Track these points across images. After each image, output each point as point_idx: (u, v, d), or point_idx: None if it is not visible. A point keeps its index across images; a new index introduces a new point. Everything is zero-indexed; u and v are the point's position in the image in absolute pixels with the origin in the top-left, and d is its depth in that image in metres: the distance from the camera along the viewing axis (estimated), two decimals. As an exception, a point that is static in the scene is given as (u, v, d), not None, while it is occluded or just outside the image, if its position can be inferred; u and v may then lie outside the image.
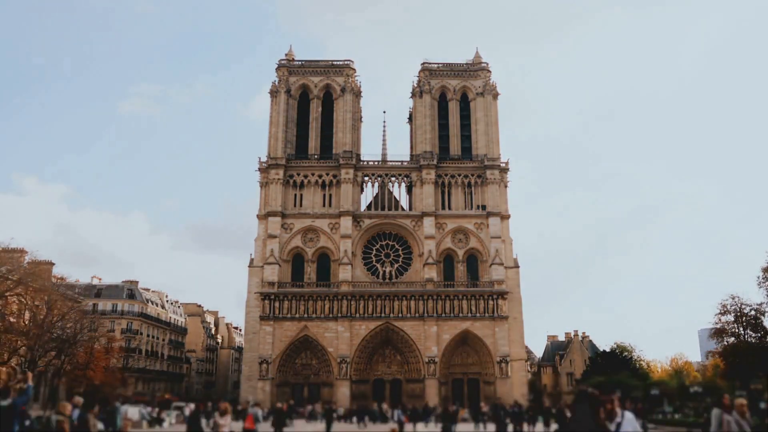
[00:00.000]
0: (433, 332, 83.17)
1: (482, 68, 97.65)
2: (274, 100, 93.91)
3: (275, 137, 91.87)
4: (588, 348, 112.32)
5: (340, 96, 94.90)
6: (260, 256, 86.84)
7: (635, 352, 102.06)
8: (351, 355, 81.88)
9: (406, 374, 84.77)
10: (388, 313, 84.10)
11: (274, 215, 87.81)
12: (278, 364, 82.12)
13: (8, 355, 58.04)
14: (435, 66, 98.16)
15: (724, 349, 67.71)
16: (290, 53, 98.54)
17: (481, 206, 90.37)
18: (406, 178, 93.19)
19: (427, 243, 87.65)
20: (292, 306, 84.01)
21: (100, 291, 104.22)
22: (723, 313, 65.65)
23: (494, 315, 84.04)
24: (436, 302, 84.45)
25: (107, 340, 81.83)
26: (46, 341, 61.59)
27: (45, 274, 67.35)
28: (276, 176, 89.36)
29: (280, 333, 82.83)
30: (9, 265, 58.35)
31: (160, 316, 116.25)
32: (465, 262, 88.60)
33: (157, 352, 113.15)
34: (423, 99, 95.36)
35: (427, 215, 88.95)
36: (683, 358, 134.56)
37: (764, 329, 64.21)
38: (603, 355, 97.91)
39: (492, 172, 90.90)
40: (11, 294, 57.72)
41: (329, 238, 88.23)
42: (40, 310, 62.42)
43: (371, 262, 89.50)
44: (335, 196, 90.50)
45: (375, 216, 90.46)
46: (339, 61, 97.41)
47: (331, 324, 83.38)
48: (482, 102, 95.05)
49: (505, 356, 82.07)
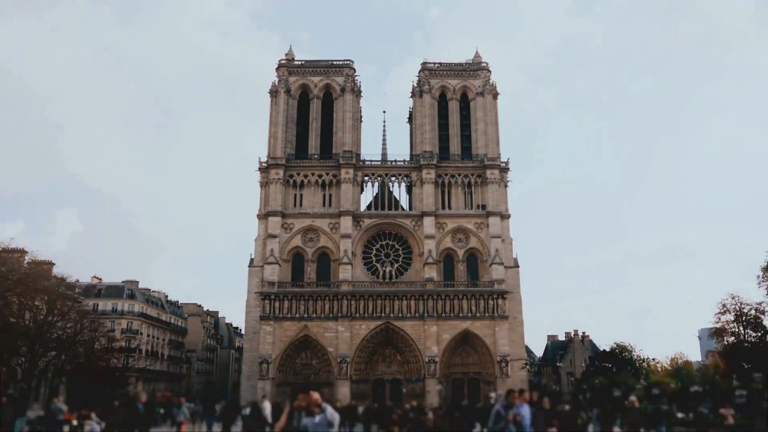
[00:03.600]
0: (433, 332, 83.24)
1: (482, 68, 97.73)
2: (273, 100, 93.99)
3: (275, 137, 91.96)
4: (588, 348, 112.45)
5: (340, 96, 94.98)
6: (260, 256, 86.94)
7: (635, 352, 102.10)
8: (351, 355, 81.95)
9: (406, 374, 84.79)
10: (388, 312, 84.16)
11: (274, 215, 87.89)
12: (278, 364, 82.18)
13: (8, 355, 58.06)
14: (435, 66, 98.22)
15: (724, 349, 67.85)
16: (290, 53, 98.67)
17: (481, 206, 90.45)
18: (406, 178, 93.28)
19: (427, 243, 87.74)
20: (292, 306, 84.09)
21: (101, 291, 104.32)
22: (723, 312, 65.85)
23: (494, 315, 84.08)
24: (436, 302, 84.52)
25: (107, 340, 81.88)
26: (46, 341, 61.68)
27: (45, 274, 67.41)
28: (276, 176, 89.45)
29: (280, 333, 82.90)
30: (9, 265, 58.45)
31: (160, 316, 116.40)
32: (465, 261, 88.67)
33: (157, 352, 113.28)
34: (423, 99, 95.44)
35: (427, 215, 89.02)
36: (683, 357, 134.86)
37: (764, 329, 64.34)
38: (603, 355, 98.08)
39: (492, 171, 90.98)
40: (11, 294, 57.76)
41: (329, 238, 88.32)
42: (40, 310, 62.48)
43: (371, 262, 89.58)
44: (335, 196, 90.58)
45: (375, 216, 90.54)
46: (339, 61, 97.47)
47: (331, 324, 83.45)
48: (482, 102, 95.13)
49: (505, 356, 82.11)
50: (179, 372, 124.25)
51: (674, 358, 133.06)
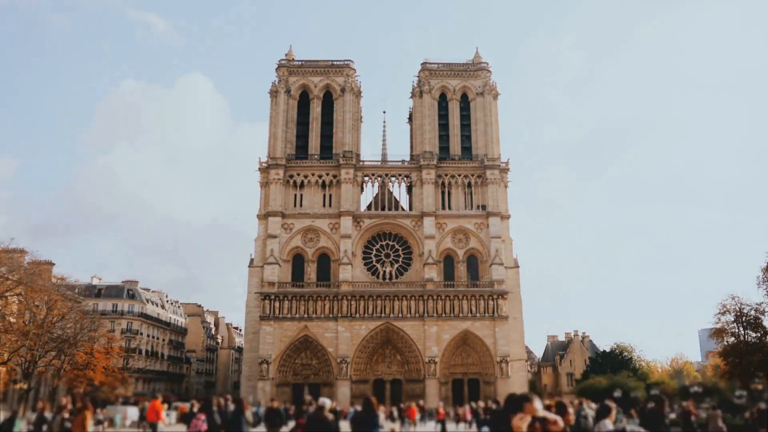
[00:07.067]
0: (433, 332, 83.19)
1: (482, 68, 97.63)
2: (273, 100, 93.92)
3: (275, 137, 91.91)
4: (588, 348, 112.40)
5: (340, 96, 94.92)
6: (260, 256, 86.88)
7: (635, 352, 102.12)
8: (351, 355, 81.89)
9: (406, 374, 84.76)
10: (388, 313, 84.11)
11: (274, 215, 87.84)
12: (278, 364, 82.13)
13: (8, 355, 58.03)
14: (435, 66, 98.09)
15: (724, 349, 67.74)
16: (290, 53, 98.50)
17: (481, 206, 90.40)
18: (406, 178, 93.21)
19: (427, 243, 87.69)
20: (292, 306, 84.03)
21: (100, 291, 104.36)
22: (723, 313, 65.69)
23: (494, 315, 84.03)
24: (436, 302, 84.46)
25: (107, 340, 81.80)
26: (46, 341, 61.61)
27: (45, 274, 67.43)
28: (276, 176, 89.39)
29: (280, 333, 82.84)
30: (9, 265, 58.41)
31: (160, 316, 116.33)
32: (465, 262, 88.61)
33: (157, 352, 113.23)
34: (423, 99, 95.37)
35: (427, 215, 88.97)
36: (683, 358, 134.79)
37: (764, 329, 64.22)
38: (603, 355, 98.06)
39: (492, 172, 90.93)
40: (11, 294, 57.75)
41: (329, 238, 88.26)
42: (40, 310, 62.39)
43: (371, 262, 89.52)
44: (335, 196, 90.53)
45: (375, 216, 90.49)
46: (339, 61, 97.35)
47: (331, 324, 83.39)
48: (482, 102, 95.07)
49: (505, 356, 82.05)
50: (179, 372, 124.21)
51: (674, 359, 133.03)
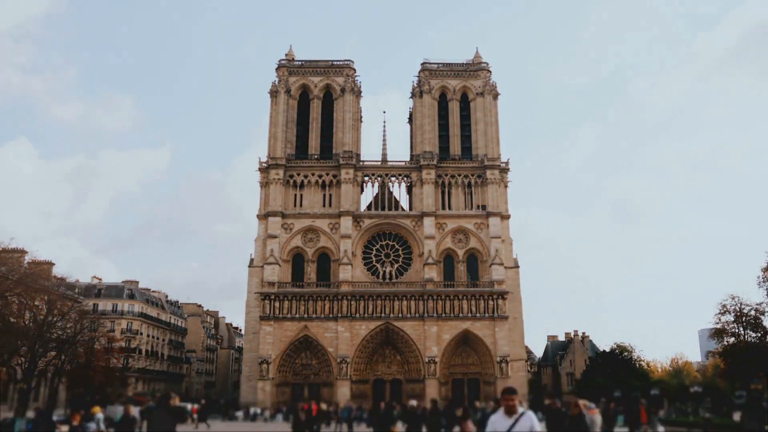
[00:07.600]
0: (433, 332, 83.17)
1: (482, 68, 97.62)
2: (273, 100, 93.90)
3: (275, 137, 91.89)
4: (588, 348, 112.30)
5: (340, 96, 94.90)
6: (260, 256, 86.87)
7: (635, 352, 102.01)
8: (351, 355, 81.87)
9: (406, 374, 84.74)
10: (388, 313, 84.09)
11: (274, 215, 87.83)
12: (278, 364, 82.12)
13: (8, 355, 58.01)
14: (435, 66, 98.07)
15: (724, 349, 67.76)
16: (290, 53, 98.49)
17: (481, 206, 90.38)
18: (406, 178, 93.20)
19: (427, 243, 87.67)
20: (292, 306, 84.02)
21: (101, 291, 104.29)
22: (723, 313, 65.74)
23: (494, 315, 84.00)
24: (436, 302, 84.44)
25: (107, 340, 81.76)
26: (46, 341, 61.59)
27: (45, 274, 67.41)
28: (276, 176, 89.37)
29: (280, 333, 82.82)
30: (9, 265, 58.40)
31: (160, 316, 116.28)
32: (465, 262, 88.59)
33: (157, 352, 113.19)
34: (423, 99, 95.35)
35: (427, 215, 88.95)
36: (683, 358, 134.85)
37: (764, 329, 64.27)
38: (603, 355, 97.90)
39: (492, 172, 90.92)
40: (11, 294, 57.70)
41: (329, 238, 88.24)
42: (40, 310, 62.40)
43: (371, 262, 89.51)
44: (335, 196, 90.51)
45: (375, 216, 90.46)
46: (339, 61, 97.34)
47: (331, 324, 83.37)
48: (482, 102, 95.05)
49: (505, 356, 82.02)
50: (179, 372, 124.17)
51: (674, 359, 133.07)
